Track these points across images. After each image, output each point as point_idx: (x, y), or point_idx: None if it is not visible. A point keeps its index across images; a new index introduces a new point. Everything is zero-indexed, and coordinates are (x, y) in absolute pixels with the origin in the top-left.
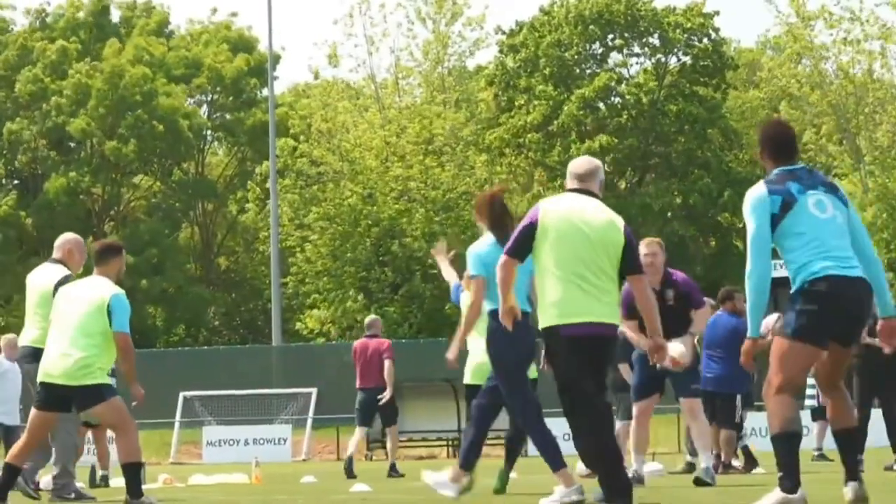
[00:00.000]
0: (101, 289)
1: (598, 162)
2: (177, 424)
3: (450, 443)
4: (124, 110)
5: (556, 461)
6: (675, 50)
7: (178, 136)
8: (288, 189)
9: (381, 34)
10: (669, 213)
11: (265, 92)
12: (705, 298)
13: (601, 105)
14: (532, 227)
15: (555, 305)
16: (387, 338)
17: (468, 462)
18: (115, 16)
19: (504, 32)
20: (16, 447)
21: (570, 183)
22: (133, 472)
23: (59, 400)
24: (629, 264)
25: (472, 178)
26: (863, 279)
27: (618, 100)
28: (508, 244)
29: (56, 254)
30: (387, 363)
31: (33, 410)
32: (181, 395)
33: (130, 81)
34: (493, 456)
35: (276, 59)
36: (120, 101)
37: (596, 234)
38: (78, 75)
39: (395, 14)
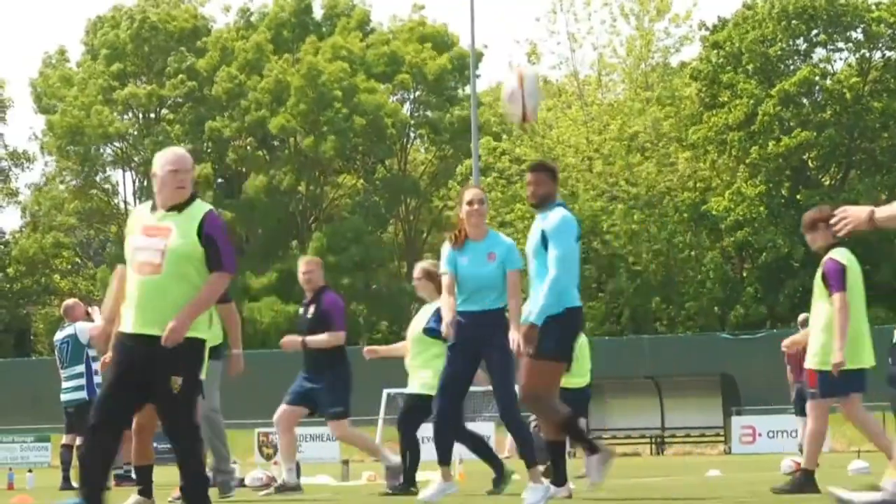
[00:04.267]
0: None
1: (156, 156)
2: (380, 422)
3: (653, 440)
4: (324, 107)
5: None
6: (880, 45)
7: (380, 133)
8: (490, 187)
9: (585, 31)
10: None
11: (467, 89)
12: None
13: (804, 101)
14: None
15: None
16: (589, 334)
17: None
18: (318, 14)
19: (708, 28)
20: None
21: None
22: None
23: None
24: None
25: (675, 174)
26: None
27: (821, 95)
28: None
29: None
30: None
31: None
32: (385, 392)
33: (329, 78)
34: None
35: (478, 56)
36: (319, 97)
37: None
38: (275, 72)
39: (599, 12)
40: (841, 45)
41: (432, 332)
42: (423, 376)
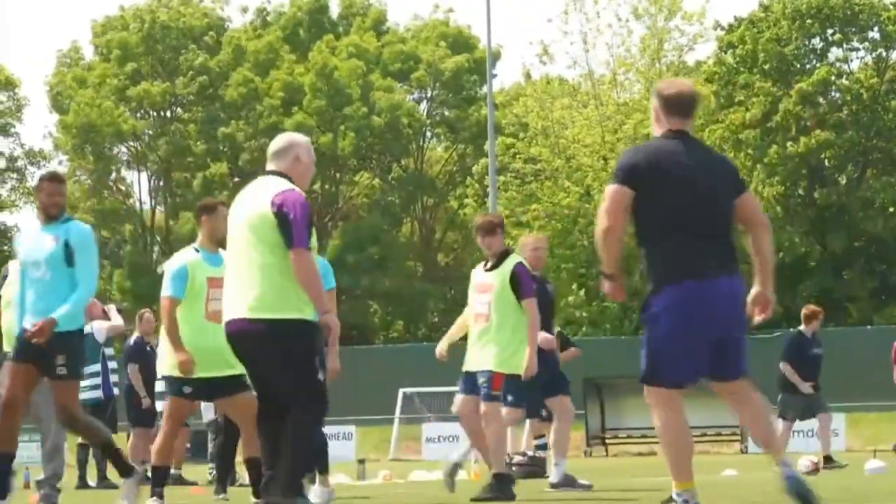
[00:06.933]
0: None
1: (296, 138)
2: (396, 421)
3: None
4: (340, 105)
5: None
6: None
7: (397, 131)
8: (506, 187)
9: (595, 30)
10: (892, 209)
11: (484, 89)
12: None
13: (820, 100)
14: None
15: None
16: (604, 335)
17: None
18: (335, 13)
19: (723, 28)
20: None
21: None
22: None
23: None
24: (282, 238)
25: None
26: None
27: (837, 95)
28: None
29: None
30: None
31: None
32: (400, 391)
33: (344, 75)
34: (713, 452)
35: (495, 56)
36: (335, 95)
37: (246, 217)
38: (285, 75)
39: (607, 10)
40: (857, 44)
41: None
42: None
